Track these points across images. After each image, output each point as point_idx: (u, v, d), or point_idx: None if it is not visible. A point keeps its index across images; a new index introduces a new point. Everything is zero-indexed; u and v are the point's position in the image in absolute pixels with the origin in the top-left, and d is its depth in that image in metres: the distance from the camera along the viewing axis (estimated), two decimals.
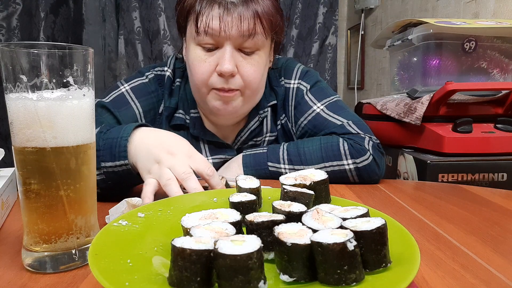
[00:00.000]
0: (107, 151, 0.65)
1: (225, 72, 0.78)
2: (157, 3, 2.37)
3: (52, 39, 2.25)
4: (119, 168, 0.65)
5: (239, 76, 0.81)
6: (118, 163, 0.65)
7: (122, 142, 0.64)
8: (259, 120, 0.93)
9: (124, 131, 0.66)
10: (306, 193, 0.45)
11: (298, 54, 2.56)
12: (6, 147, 0.61)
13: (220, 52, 0.79)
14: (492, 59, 1.17)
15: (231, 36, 0.77)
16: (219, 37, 0.78)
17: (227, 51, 0.78)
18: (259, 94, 0.89)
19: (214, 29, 0.77)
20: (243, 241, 0.31)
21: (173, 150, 0.61)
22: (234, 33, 0.77)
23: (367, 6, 2.39)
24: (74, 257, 0.42)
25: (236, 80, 0.81)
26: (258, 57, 0.82)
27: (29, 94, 0.39)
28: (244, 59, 0.81)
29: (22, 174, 0.41)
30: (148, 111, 0.89)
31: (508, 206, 0.66)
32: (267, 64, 0.88)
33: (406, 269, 0.32)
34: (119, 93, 0.88)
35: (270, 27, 0.81)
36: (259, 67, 0.83)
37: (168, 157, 0.60)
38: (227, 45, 0.78)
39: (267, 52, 0.85)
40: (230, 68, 0.78)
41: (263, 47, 0.83)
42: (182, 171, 0.59)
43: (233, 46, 0.79)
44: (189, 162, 0.61)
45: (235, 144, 0.94)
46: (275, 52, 0.93)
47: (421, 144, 1.10)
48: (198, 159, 0.62)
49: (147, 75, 0.92)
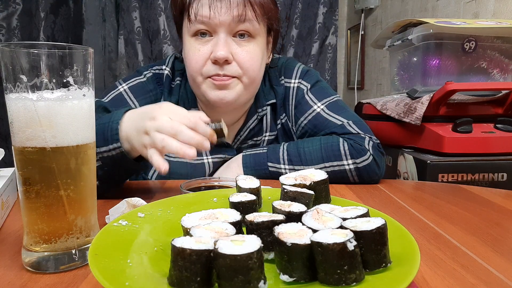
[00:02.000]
0: (100, 136, 0.65)
1: (219, 58, 0.78)
2: (157, 3, 2.37)
3: (52, 39, 2.25)
4: (113, 152, 0.66)
5: (235, 63, 0.81)
6: (111, 147, 0.66)
7: (113, 125, 0.66)
8: (257, 118, 0.93)
9: (115, 116, 0.67)
10: (306, 193, 0.45)
11: (298, 54, 2.56)
12: (6, 147, 0.61)
13: (214, 40, 0.80)
14: (492, 59, 1.17)
15: (223, 21, 0.78)
16: (211, 23, 0.78)
17: (221, 38, 0.79)
18: (256, 83, 0.88)
19: (205, 15, 0.78)
20: (243, 241, 0.31)
21: (154, 115, 0.61)
22: (224, 18, 0.78)
23: (367, 6, 2.39)
24: (74, 257, 0.42)
25: (232, 67, 0.80)
26: (254, 46, 0.82)
27: (29, 94, 0.39)
28: (239, 46, 0.81)
29: (22, 174, 0.41)
30: None
31: (508, 206, 0.66)
32: (265, 57, 0.88)
33: (406, 269, 0.32)
34: (118, 92, 0.88)
35: (262, 12, 0.81)
36: (255, 55, 0.83)
37: (151, 123, 0.60)
38: (220, 32, 0.79)
39: (262, 42, 0.85)
40: (224, 54, 0.78)
41: (258, 35, 0.83)
42: (169, 127, 0.59)
43: (227, 32, 0.80)
44: (172, 118, 0.60)
45: (234, 143, 0.94)
46: (273, 46, 0.92)
47: (421, 144, 1.10)
48: (179, 114, 0.61)
49: (145, 74, 0.92)
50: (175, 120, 0.60)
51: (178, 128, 0.58)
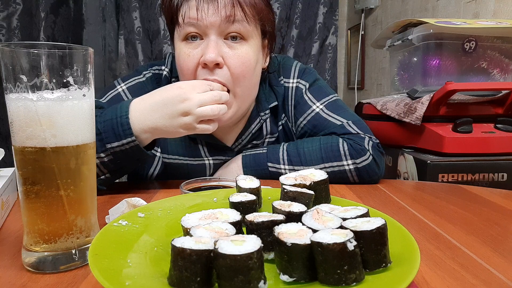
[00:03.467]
0: (109, 132, 0.67)
1: (208, 61, 0.75)
2: (157, 3, 2.37)
3: (52, 39, 2.25)
4: (126, 146, 0.68)
5: (226, 68, 0.78)
6: (125, 141, 0.67)
7: (124, 120, 0.67)
8: (260, 122, 0.91)
9: (121, 110, 0.69)
10: (306, 193, 0.45)
11: (298, 54, 2.56)
12: (6, 147, 0.61)
13: (204, 43, 0.77)
14: (492, 59, 1.17)
15: (211, 23, 0.76)
16: (200, 25, 0.76)
17: (211, 40, 0.76)
18: (252, 94, 0.86)
19: (192, 17, 0.76)
20: (243, 241, 0.31)
21: (183, 96, 0.69)
22: (213, 19, 0.75)
23: (367, 6, 2.39)
24: (74, 257, 0.42)
25: (223, 71, 0.77)
26: (247, 49, 0.79)
27: (29, 94, 0.39)
28: (231, 49, 0.78)
29: (22, 174, 0.41)
30: None
31: (508, 206, 0.66)
32: (260, 61, 0.85)
33: (406, 269, 0.32)
34: (116, 93, 0.87)
35: (253, 12, 0.78)
36: (248, 59, 0.79)
37: (189, 103, 0.68)
38: (210, 34, 0.77)
39: (256, 45, 0.82)
40: (213, 56, 0.75)
41: (250, 37, 0.79)
42: (209, 98, 0.70)
43: (217, 34, 0.77)
44: (198, 91, 0.70)
45: (235, 146, 0.92)
46: (269, 50, 0.89)
47: (421, 144, 1.10)
48: (197, 86, 0.71)
49: (144, 74, 0.91)
50: (204, 92, 0.70)
51: (216, 95, 0.71)
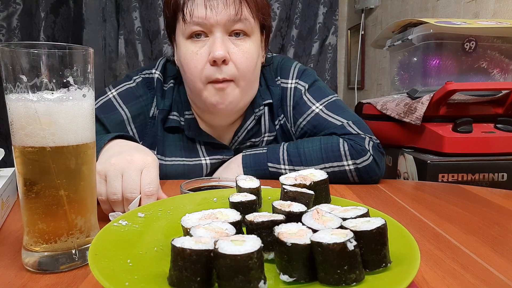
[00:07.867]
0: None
1: (218, 58, 0.77)
2: (157, 3, 2.37)
3: (52, 39, 2.25)
4: None
5: (232, 64, 0.80)
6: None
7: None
8: (255, 118, 0.92)
9: (100, 141, 0.66)
10: (306, 193, 0.45)
11: (298, 54, 2.56)
12: (6, 147, 0.61)
13: (211, 41, 0.79)
14: (492, 59, 1.17)
15: (219, 21, 0.77)
16: (207, 23, 0.77)
17: (218, 38, 0.78)
18: (254, 86, 0.88)
19: (201, 16, 0.77)
20: (243, 241, 0.31)
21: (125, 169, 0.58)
22: (221, 17, 0.77)
23: (367, 6, 2.39)
24: (74, 257, 0.42)
25: (229, 68, 0.79)
26: (249, 45, 0.81)
27: (29, 94, 0.39)
28: (236, 46, 0.80)
29: (22, 174, 0.41)
30: (137, 116, 0.88)
31: (508, 206, 0.66)
32: (260, 56, 0.87)
33: (406, 269, 0.32)
34: (107, 99, 0.87)
35: (256, 8, 0.81)
36: (251, 55, 0.82)
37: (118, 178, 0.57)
38: (216, 32, 0.78)
39: (257, 40, 0.85)
40: (222, 53, 0.77)
41: (253, 33, 0.82)
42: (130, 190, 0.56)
43: (223, 31, 0.79)
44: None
45: (232, 144, 0.93)
46: (266, 44, 0.92)
47: (421, 144, 1.10)
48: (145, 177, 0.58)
49: (134, 79, 0.91)
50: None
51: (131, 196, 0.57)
